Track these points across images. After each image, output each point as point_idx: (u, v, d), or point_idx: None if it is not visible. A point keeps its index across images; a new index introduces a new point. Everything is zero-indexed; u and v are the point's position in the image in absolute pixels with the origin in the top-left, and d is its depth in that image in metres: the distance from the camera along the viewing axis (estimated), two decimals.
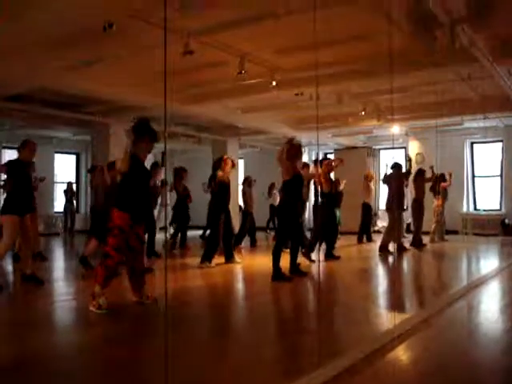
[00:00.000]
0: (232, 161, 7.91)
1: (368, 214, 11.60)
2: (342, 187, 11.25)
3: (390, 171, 9.73)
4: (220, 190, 7.68)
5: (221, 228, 7.67)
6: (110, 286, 4.66)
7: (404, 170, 9.95)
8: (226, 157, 7.96)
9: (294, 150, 6.39)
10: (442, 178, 10.89)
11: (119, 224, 4.58)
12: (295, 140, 6.78)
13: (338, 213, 9.40)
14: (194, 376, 3.00)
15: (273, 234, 12.28)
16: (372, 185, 11.96)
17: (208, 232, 8.24)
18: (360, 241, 11.35)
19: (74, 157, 16.50)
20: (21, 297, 5.66)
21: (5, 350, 3.55)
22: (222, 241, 7.81)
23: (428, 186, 10.67)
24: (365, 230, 11.54)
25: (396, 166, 9.67)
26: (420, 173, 10.41)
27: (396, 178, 9.46)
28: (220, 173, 7.57)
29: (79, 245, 11.43)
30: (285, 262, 6.43)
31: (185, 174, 9.93)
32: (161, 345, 2.30)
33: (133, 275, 4.81)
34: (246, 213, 10.55)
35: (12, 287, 5.81)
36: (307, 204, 10.43)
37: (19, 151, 5.96)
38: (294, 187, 6.40)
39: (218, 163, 7.75)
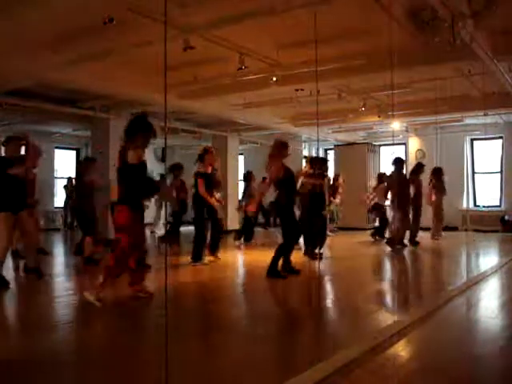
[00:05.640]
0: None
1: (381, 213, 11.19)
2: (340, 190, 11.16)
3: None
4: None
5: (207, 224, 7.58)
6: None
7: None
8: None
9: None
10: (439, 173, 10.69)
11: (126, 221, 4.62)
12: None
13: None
14: (196, 369, 3.01)
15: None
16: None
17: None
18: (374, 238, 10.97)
19: (74, 152, 16.49)
20: (23, 292, 5.67)
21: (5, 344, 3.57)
22: (211, 237, 7.76)
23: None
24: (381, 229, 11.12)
25: (398, 162, 9.41)
26: (418, 168, 10.22)
27: (398, 175, 9.27)
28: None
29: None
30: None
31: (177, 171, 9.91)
32: (160, 339, 2.31)
33: (137, 267, 4.86)
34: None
35: (13, 283, 5.82)
36: None
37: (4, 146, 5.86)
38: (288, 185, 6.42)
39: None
